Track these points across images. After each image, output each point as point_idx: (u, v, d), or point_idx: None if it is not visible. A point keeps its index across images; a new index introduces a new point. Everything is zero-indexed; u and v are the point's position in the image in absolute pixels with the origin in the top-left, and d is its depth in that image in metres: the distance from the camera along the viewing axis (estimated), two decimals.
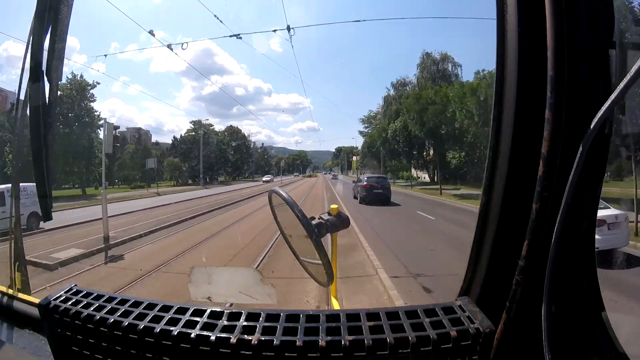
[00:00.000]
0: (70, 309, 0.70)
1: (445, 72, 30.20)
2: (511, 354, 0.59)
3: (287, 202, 0.79)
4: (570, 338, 0.58)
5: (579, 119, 0.52)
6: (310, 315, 0.63)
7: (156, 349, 0.61)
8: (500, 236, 0.62)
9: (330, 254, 0.86)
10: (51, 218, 1.06)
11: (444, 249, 6.96)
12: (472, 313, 0.62)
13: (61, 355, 0.72)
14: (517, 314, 0.58)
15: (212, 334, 0.59)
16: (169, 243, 8.13)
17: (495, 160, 0.62)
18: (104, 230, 8.02)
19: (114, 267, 6.32)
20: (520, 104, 0.58)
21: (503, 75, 0.60)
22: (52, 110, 1.01)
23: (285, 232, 0.97)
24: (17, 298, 1.01)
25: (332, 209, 0.91)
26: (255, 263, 6.02)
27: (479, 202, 0.66)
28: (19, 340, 0.87)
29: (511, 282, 0.58)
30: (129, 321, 0.64)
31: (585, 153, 0.50)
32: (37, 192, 1.01)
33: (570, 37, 0.53)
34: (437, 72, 30.29)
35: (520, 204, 0.58)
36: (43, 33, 0.97)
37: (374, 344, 0.55)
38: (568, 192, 0.51)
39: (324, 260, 0.74)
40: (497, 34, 0.61)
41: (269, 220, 1.05)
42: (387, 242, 7.65)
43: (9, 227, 1.11)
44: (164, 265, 6.17)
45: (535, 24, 0.55)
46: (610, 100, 0.46)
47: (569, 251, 0.56)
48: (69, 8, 0.99)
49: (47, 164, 0.99)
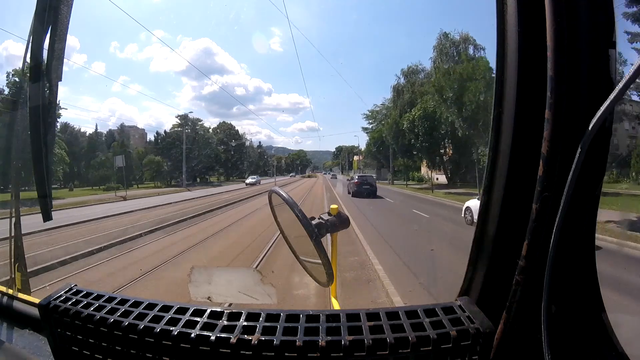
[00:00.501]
0: (70, 309, 0.70)
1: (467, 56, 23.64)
2: (511, 354, 0.59)
3: (287, 202, 0.79)
4: (570, 338, 0.58)
5: (579, 119, 0.52)
6: (310, 315, 0.63)
7: (156, 349, 0.61)
8: (500, 236, 0.62)
9: (330, 254, 0.86)
10: (51, 218, 1.06)
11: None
12: (472, 313, 0.62)
13: (61, 355, 0.72)
14: (517, 314, 0.58)
15: (212, 334, 0.59)
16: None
17: (495, 160, 0.62)
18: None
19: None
20: (520, 104, 0.58)
21: (503, 75, 0.60)
22: (52, 110, 1.01)
23: (285, 232, 0.97)
24: (17, 298, 1.01)
25: (332, 209, 0.91)
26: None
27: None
28: (19, 340, 0.87)
29: (511, 282, 0.58)
30: (129, 321, 0.64)
31: (585, 153, 0.50)
32: (37, 192, 1.01)
33: (570, 37, 0.53)
34: (456, 56, 24.04)
35: (520, 204, 0.58)
36: (43, 33, 0.97)
37: (374, 343, 0.55)
38: (568, 192, 0.51)
39: (324, 260, 0.74)
40: (497, 34, 0.61)
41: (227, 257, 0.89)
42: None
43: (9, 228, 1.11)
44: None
45: (535, 24, 0.55)
46: (610, 100, 0.46)
47: (569, 251, 0.56)
48: (69, 8, 0.99)
49: (47, 164, 0.99)
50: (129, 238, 8.39)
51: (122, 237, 8.31)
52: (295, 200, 0.79)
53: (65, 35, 1.00)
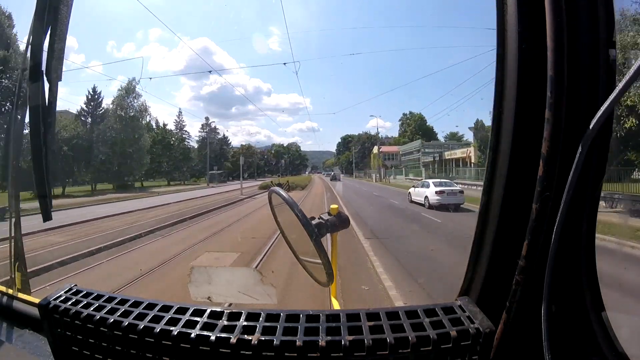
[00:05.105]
0: (70, 309, 0.70)
1: None
2: (511, 354, 0.59)
3: (287, 202, 0.79)
4: (570, 338, 0.58)
5: (579, 119, 0.52)
6: (310, 315, 0.63)
7: (156, 349, 0.61)
8: (500, 236, 0.62)
9: (330, 254, 0.86)
10: (51, 218, 1.06)
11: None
12: (472, 313, 0.62)
13: (61, 355, 0.72)
14: (517, 314, 0.58)
15: (212, 334, 0.59)
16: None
17: (495, 160, 0.62)
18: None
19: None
20: (520, 104, 0.58)
21: (503, 75, 0.60)
22: (52, 110, 1.01)
23: (285, 232, 0.97)
24: (17, 298, 1.01)
25: (332, 209, 0.91)
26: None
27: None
28: (19, 340, 0.87)
29: (511, 282, 0.58)
30: (129, 321, 0.64)
31: (585, 153, 0.50)
32: (37, 192, 1.01)
33: (570, 37, 0.53)
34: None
35: (520, 204, 0.58)
36: (43, 33, 0.97)
37: (374, 344, 0.55)
38: (568, 192, 0.51)
39: (324, 260, 0.74)
40: (497, 34, 0.60)
41: None
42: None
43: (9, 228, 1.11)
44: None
45: (535, 24, 0.55)
46: (610, 100, 0.46)
47: (569, 251, 0.56)
48: (69, 8, 0.99)
49: (47, 164, 0.99)
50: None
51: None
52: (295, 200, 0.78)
53: (65, 36, 1.00)
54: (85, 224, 11.19)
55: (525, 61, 0.57)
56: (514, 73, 0.58)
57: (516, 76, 0.58)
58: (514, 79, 0.58)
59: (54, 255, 6.98)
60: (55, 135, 3.61)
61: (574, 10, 0.53)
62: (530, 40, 0.56)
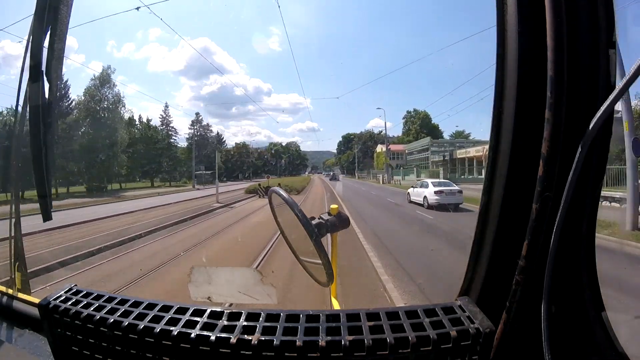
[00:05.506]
0: (70, 309, 0.70)
1: None
2: (511, 354, 0.59)
3: (287, 202, 0.79)
4: (570, 338, 0.58)
5: (579, 119, 0.52)
6: (310, 315, 0.63)
7: (156, 349, 0.61)
8: (500, 236, 0.62)
9: (330, 254, 0.86)
10: (51, 218, 1.06)
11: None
12: (472, 313, 0.62)
13: (61, 355, 0.72)
14: (517, 314, 0.58)
15: (212, 334, 0.59)
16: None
17: (495, 160, 0.62)
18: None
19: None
20: (520, 104, 0.58)
21: (503, 75, 0.60)
22: (52, 110, 1.01)
23: (285, 232, 0.97)
24: (17, 298, 1.01)
25: (332, 209, 0.91)
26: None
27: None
28: (19, 340, 0.87)
29: (511, 282, 0.58)
30: (129, 321, 0.64)
31: (585, 153, 0.50)
32: (37, 192, 1.01)
33: (570, 37, 0.53)
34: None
35: (520, 204, 0.58)
36: (42, 33, 0.97)
37: (374, 344, 0.55)
38: (568, 192, 0.51)
39: (324, 260, 0.74)
40: (497, 34, 0.60)
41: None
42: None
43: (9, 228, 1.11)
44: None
45: (535, 24, 0.55)
46: (610, 100, 0.46)
47: (569, 251, 0.56)
48: (69, 8, 0.99)
49: (47, 164, 0.99)
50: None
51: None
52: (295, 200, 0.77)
53: (64, 35, 1.00)
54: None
55: (525, 61, 0.57)
56: (514, 73, 0.58)
57: (516, 76, 0.58)
58: (514, 79, 0.58)
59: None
60: (55, 135, 3.59)
61: (574, 10, 0.53)
62: (530, 40, 0.56)
